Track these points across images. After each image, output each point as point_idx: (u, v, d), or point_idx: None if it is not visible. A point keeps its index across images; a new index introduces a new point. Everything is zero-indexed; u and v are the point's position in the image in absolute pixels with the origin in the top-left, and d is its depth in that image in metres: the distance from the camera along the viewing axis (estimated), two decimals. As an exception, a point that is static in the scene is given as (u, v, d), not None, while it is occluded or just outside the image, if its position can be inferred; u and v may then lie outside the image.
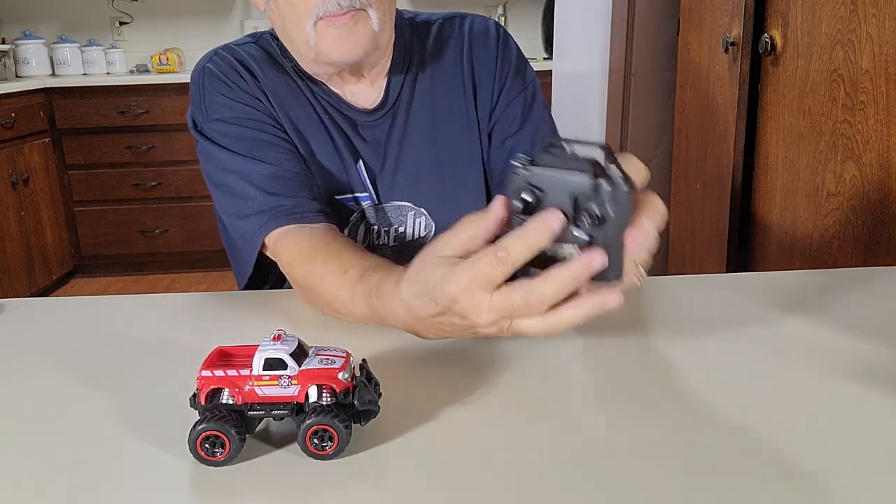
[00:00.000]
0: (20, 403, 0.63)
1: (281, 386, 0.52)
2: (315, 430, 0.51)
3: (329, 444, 0.51)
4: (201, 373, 0.52)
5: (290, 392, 0.52)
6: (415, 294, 0.60)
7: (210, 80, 0.93)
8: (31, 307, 0.85)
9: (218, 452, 0.51)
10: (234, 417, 0.51)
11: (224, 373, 0.52)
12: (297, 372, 0.52)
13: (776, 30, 1.72)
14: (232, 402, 0.52)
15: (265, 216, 0.86)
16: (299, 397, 0.52)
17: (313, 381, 0.52)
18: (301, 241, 0.83)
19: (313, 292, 0.78)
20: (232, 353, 0.55)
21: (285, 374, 0.52)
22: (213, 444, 0.51)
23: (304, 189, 0.88)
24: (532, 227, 0.52)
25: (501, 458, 0.52)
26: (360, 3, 0.84)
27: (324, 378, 0.52)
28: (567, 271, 0.52)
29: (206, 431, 0.50)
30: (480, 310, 0.54)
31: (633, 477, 0.50)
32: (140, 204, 3.43)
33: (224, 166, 0.90)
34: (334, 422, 0.51)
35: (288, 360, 0.52)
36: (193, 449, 0.51)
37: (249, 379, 0.52)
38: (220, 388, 0.52)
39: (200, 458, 0.51)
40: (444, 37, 1.00)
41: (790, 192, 1.70)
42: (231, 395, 0.52)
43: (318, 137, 0.95)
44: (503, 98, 0.99)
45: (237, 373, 0.52)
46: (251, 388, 0.52)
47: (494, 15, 3.86)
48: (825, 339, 0.71)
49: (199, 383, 0.52)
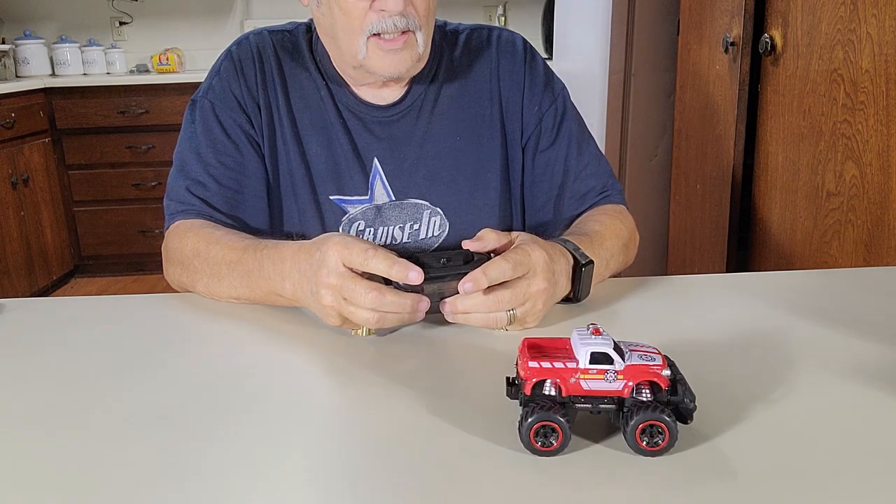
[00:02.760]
0: (20, 403, 0.63)
1: (606, 380, 0.52)
2: (646, 426, 0.51)
3: (660, 440, 0.51)
4: (528, 363, 0.52)
5: (615, 387, 0.52)
6: (310, 241, 0.75)
7: (227, 66, 0.98)
8: (31, 307, 0.86)
9: (551, 443, 0.51)
10: (560, 409, 0.51)
11: (551, 364, 0.52)
12: (624, 367, 0.52)
13: (776, 30, 1.72)
14: (556, 393, 0.52)
15: (191, 204, 0.93)
16: (623, 392, 0.52)
17: (639, 377, 0.52)
18: (208, 223, 0.91)
19: (200, 256, 0.85)
20: (543, 345, 0.55)
21: (612, 369, 0.52)
22: (545, 434, 0.51)
23: (240, 207, 0.95)
24: (401, 263, 0.67)
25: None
26: (413, 25, 0.88)
27: (649, 374, 0.52)
28: (379, 292, 0.68)
29: (541, 422, 0.50)
30: (329, 270, 0.69)
31: (633, 476, 0.50)
32: (140, 204, 3.42)
33: (188, 144, 0.97)
34: (666, 418, 0.51)
35: (613, 355, 0.52)
36: (527, 440, 0.51)
37: (576, 371, 0.52)
38: (543, 379, 0.52)
39: (533, 449, 0.51)
40: (473, 47, 1.03)
41: (790, 192, 1.70)
42: (553, 385, 0.52)
43: (326, 136, 0.98)
44: (535, 113, 1.02)
45: (564, 365, 0.52)
46: (577, 380, 0.52)
47: (494, 15, 3.86)
48: (825, 339, 0.71)
49: (525, 374, 0.52)
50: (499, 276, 0.70)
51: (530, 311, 0.73)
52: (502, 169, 1.02)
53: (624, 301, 0.83)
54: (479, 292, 0.70)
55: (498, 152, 1.02)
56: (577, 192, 1.01)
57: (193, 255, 0.86)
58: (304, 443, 0.55)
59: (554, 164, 1.02)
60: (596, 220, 0.94)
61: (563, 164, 1.01)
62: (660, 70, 2.39)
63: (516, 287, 0.71)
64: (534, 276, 0.72)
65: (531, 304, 0.72)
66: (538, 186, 1.03)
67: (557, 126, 1.02)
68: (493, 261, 0.70)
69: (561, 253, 0.78)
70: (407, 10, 0.87)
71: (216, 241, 0.85)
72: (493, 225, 0.77)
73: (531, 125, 1.02)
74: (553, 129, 1.02)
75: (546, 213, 1.03)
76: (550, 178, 1.02)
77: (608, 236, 0.90)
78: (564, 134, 1.02)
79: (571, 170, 1.01)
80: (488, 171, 1.01)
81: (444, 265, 0.71)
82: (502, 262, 0.70)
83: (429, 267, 0.70)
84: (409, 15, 0.88)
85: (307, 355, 0.71)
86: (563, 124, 1.03)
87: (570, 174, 1.01)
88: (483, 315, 0.72)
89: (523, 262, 0.71)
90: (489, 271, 0.69)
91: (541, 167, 1.02)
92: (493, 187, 1.02)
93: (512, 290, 0.71)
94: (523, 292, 0.71)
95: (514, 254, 0.72)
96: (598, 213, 0.98)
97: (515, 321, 0.73)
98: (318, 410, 0.60)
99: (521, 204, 1.05)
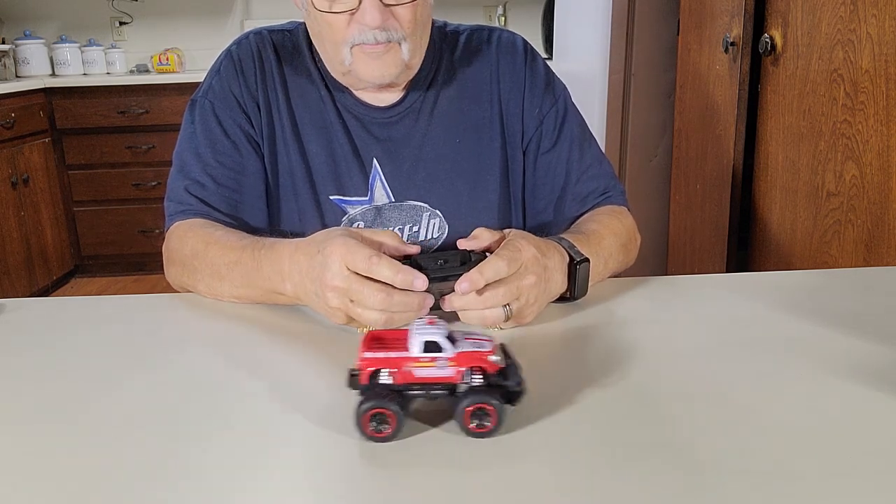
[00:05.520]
0: (20, 403, 0.63)
1: (438, 367, 0.54)
2: (475, 409, 0.53)
3: (488, 422, 0.54)
4: (363, 354, 0.54)
5: (447, 373, 0.54)
6: (308, 240, 0.75)
7: (227, 66, 0.99)
8: (31, 307, 0.86)
9: (384, 429, 0.53)
10: (394, 396, 0.53)
11: (386, 354, 0.54)
12: (454, 354, 0.54)
13: (776, 30, 1.72)
14: (391, 381, 0.54)
15: (190, 205, 0.93)
16: (455, 378, 0.54)
17: (468, 363, 0.54)
18: (208, 222, 0.91)
19: (199, 257, 0.85)
20: (385, 337, 0.57)
21: (442, 356, 0.54)
22: (379, 421, 0.53)
23: (239, 207, 0.95)
24: (405, 271, 0.67)
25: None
26: (396, 37, 0.89)
27: (478, 360, 0.54)
28: (387, 293, 0.67)
29: (374, 409, 0.52)
30: (334, 274, 0.68)
31: (633, 476, 0.50)
32: (140, 204, 3.42)
33: (187, 144, 0.97)
34: (493, 400, 0.53)
35: (444, 343, 0.54)
36: (360, 426, 0.53)
37: (409, 360, 0.54)
38: (378, 369, 0.54)
39: (367, 435, 0.53)
40: (473, 48, 1.03)
41: (790, 192, 1.70)
42: (390, 374, 0.54)
43: (326, 136, 0.98)
44: (536, 115, 1.02)
45: (398, 354, 0.54)
46: (410, 369, 0.54)
47: (494, 15, 3.86)
48: (825, 339, 0.71)
49: (361, 364, 0.54)
50: (494, 274, 0.70)
51: (525, 306, 0.73)
52: (502, 171, 1.02)
53: (624, 301, 0.83)
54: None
55: (498, 154, 1.01)
56: (579, 194, 1.01)
57: (193, 255, 0.86)
58: (305, 443, 0.55)
59: (555, 167, 1.01)
60: (594, 219, 0.94)
61: (565, 167, 1.01)
62: (660, 70, 2.39)
63: (509, 282, 0.72)
64: (525, 271, 0.72)
65: (524, 299, 0.73)
66: (539, 189, 1.03)
67: (558, 128, 1.02)
68: (488, 260, 0.71)
69: (556, 250, 0.78)
70: (388, 22, 0.87)
71: (215, 241, 0.85)
72: (493, 227, 0.77)
73: (532, 127, 1.02)
74: (554, 131, 1.02)
75: (547, 215, 1.03)
76: (552, 181, 1.02)
77: (606, 235, 0.89)
78: (566, 136, 1.02)
79: (573, 172, 1.01)
80: (488, 173, 1.01)
81: (441, 266, 0.72)
82: (497, 260, 0.71)
83: (427, 269, 0.70)
84: (391, 28, 0.88)
85: (308, 355, 0.71)
86: (564, 126, 1.02)
87: (572, 176, 1.01)
88: (479, 312, 0.72)
89: (516, 258, 0.72)
90: (485, 271, 0.70)
91: (542, 170, 1.02)
92: (492, 189, 1.01)
93: (506, 286, 0.71)
94: (516, 286, 0.72)
95: (507, 250, 0.72)
96: (598, 213, 0.98)
97: (512, 318, 0.73)
98: (318, 410, 0.60)
99: (521, 206, 1.05)
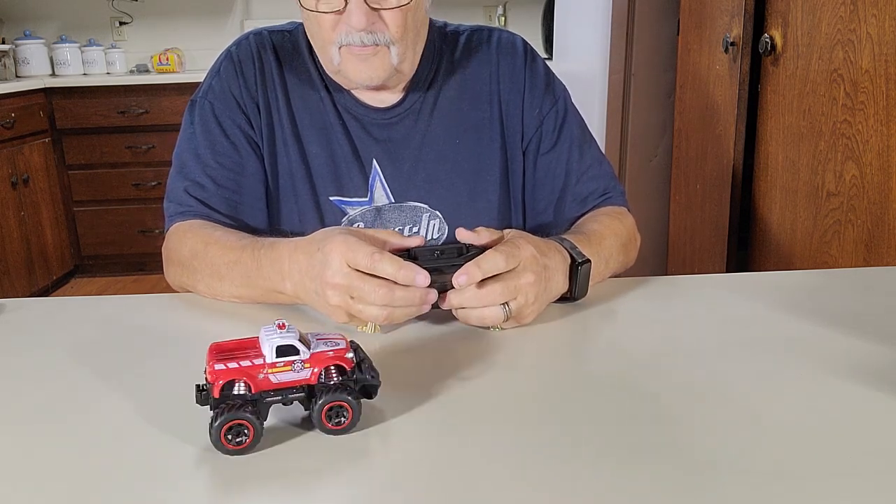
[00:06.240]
0: (20, 403, 0.63)
1: (294, 370, 0.54)
2: (330, 406, 0.54)
3: (344, 419, 0.54)
4: (213, 366, 0.53)
5: (303, 376, 0.54)
6: (307, 239, 0.75)
7: (226, 67, 0.99)
8: (31, 307, 0.86)
9: (242, 441, 0.52)
10: (249, 406, 0.52)
11: (238, 364, 0.53)
12: (310, 356, 0.54)
13: (776, 30, 1.72)
14: (245, 391, 0.53)
15: (189, 206, 0.93)
16: (311, 380, 0.54)
17: (325, 362, 0.54)
18: (208, 223, 0.91)
19: (199, 257, 0.85)
20: (230, 347, 0.56)
21: (298, 359, 0.54)
22: (236, 433, 0.52)
23: (238, 208, 0.95)
24: (407, 267, 0.68)
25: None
26: (383, 40, 0.89)
27: (334, 359, 0.55)
28: (389, 289, 0.68)
29: (231, 421, 0.51)
30: (335, 271, 0.69)
31: (633, 476, 0.50)
32: (140, 204, 3.42)
33: (187, 145, 0.97)
34: (347, 397, 0.54)
35: (299, 346, 0.54)
36: (217, 440, 0.52)
37: (263, 367, 0.53)
38: (231, 380, 0.53)
39: (224, 449, 0.52)
40: (472, 49, 1.03)
41: (790, 192, 1.70)
42: (245, 385, 0.53)
43: (326, 137, 0.98)
44: (535, 116, 1.01)
45: (250, 363, 0.53)
46: (265, 375, 0.53)
47: (494, 15, 3.86)
48: (825, 339, 0.71)
49: (212, 377, 0.53)
50: (492, 268, 0.70)
51: (524, 306, 0.73)
52: (502, 172, 1.02)
53: (624, 301, 0.83)
54: (471, 286, 0.71)
55: (497, 155, 1.01)
56: (579, 195, 1.01)
57: (192, 255, 0.86)
58: (305, 443, 0.55)
59: (555, 168, 1.01)
60: (595, 220, 0.94)
61: (565, 168, 1.01)
62: (660, 70, 2.39)
63: (507, 280, 0.71)
64: (523, 269, 0.72)
65: (523, 298, 0.72)
66: (539, 190, 1.03)
67: (558, 129, 1.02)
68: (486, 253, 0.71)
69: (557, 250, 0.78)
70: (374, 26, 0.87)
71: (215, 242, 0.85)
72: (493, 228, 0.77)
73: (532, 128, 1.01)
74: (554, 132, 1.01)
75: (547, 216, 1.03)
76: (552, 182, 1.02)
77: (607, 235, 0.89)
78: (566, 137, 1.02)
79: (573, 173, 1.01)
80: (488, 174, 1.01)
81: (437, 258, 0.72)
82: (495, 254, 0.71)
83: (423, 260, 0.71)
84: (378, 31, 0.88)
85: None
86: (564, 127, 1.02)
87: (572, 177, 1.01)
88: (478, 311, 0.72)
89: (515, 255, 0.72)
90: (483, 264, 0.70)
91: (542, 170, 1.02)
92: (492, 190, 1.01)
93: (503, 283, 0.71)
94: (514, 284, 0.72)
95: (506, 246, 0.72)
96: (598, 213, 0.98)
97: (511, 317, 0.73)
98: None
99: (521, 206, 1.05)
